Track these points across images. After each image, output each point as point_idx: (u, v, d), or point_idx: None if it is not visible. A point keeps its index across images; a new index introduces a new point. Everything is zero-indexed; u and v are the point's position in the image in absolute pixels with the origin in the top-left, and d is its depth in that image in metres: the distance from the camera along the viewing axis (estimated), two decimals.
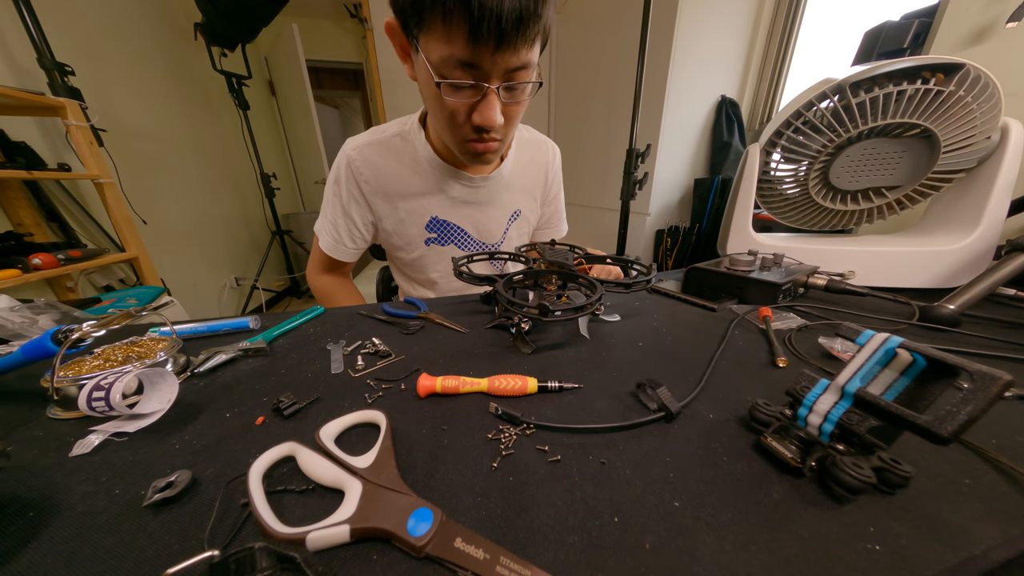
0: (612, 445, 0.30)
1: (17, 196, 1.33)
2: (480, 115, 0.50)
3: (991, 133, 0.60)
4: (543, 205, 0.84)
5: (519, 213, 0.79)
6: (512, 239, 0.81)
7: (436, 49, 0.44)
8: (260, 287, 2.68)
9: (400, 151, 0.67)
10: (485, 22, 0.40)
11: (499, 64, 0.45)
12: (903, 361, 0.26)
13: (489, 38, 0.42)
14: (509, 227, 0.79)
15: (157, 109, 2.04)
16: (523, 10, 0.40)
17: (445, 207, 0.71)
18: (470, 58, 0.44)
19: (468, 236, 0.75)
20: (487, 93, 0.48)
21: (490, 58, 0.44)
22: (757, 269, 0.64)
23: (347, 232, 0.71)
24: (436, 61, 0.45)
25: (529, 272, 0.55)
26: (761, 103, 2.04)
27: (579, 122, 2.44)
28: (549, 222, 0.88)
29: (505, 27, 0.41)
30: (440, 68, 0.46)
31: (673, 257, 2.05)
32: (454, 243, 0.75)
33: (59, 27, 1.46)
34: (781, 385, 0.36)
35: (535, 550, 0.22)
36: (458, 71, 0.46)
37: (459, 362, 0.43)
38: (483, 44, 0.42)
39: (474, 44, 0.42)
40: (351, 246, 0.73)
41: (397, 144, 0.67)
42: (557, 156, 0.82)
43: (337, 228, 0.71)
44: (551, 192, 0.84)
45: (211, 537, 0.22)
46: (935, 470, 0.27)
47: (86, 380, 0.34)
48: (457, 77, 0.46)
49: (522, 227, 0.82)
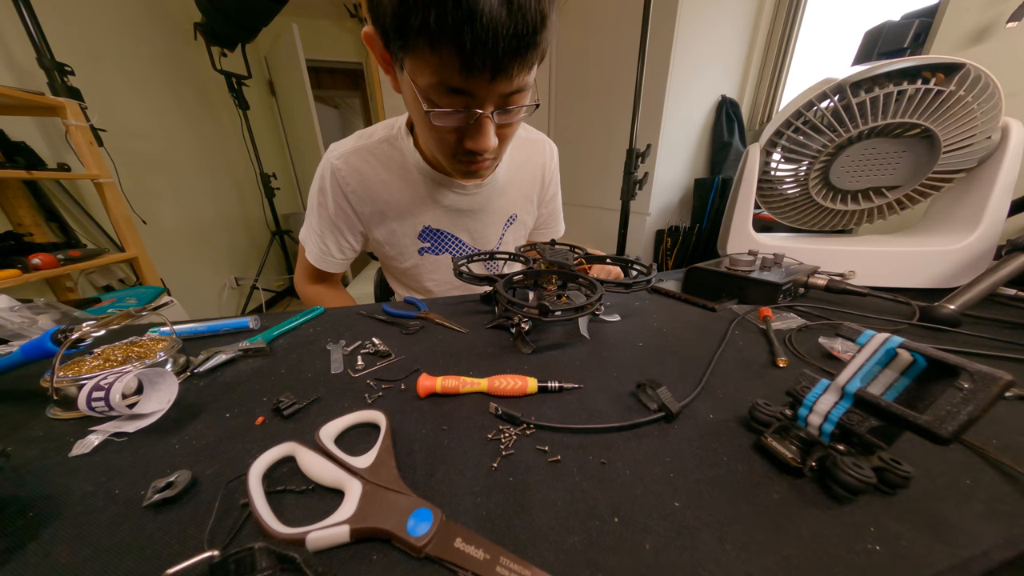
0: (612, 445, 0.30)
1: (17, 196, 1.33)
2: (473, 141, 0.47)
3: (991, 133, 0.60)
4: (540, 206, 0.82)
5: (515, 218, 0.77)
6: (508, 244, 0.79)
7: (423, 75, 0.40)
8: (260, 287, 2.68)
9: (388, 158, 0.63)
10: (478, 55, 0.36)
11: (494, 91, 0.41)
12: (903, 361, 0.26)
13: (484, 69, 0.38)
14: (505, 232, 0.77)
15: (157, 109, 2.04)
16: (520, 39, 0.36)
17: (438, 216, 0.69)
18: (462, 86, 0.40)
19: (463, 244, 0.74)
20: (480, 119, 0.44)
21: (485, 87, 0.40)
22: (757, 269, 0.64)
23: (335, 244, 0.68)
24: (423, 86, 0.41)
25: (529, 272, 0.55)
26: (761, 103, 2.03)
27: (579, 122, 2.44)
28: (547, 223, 0.87)
29: (501, 57, 0.37)
30: (428, 93, 0.41)
31: (673, 257, 2.05)
32: (449, 251, 0.74)
33: (59, 27, 1.46)
34: (781, 385, 0.36)
35: (535, 550, 0.22)
36: (447, 98, 0.41)
37: (459, 362, 0.43)
38: (477, 76, 0.38)
39: (467, 76, 0.38)
40: (339, 257, 0.70)
41: (384, 150, 0.63)
42: (555, 155, 0.79)
43: (324, 240, 0.67)
44: (548, 193, 0.81)
45: (211, 537, 0.22)
46: (935, 470, 0.27)
47: (86, 380, 0.33)
48: (446, 104, 0.42)
49: (518, 231, 0.80)
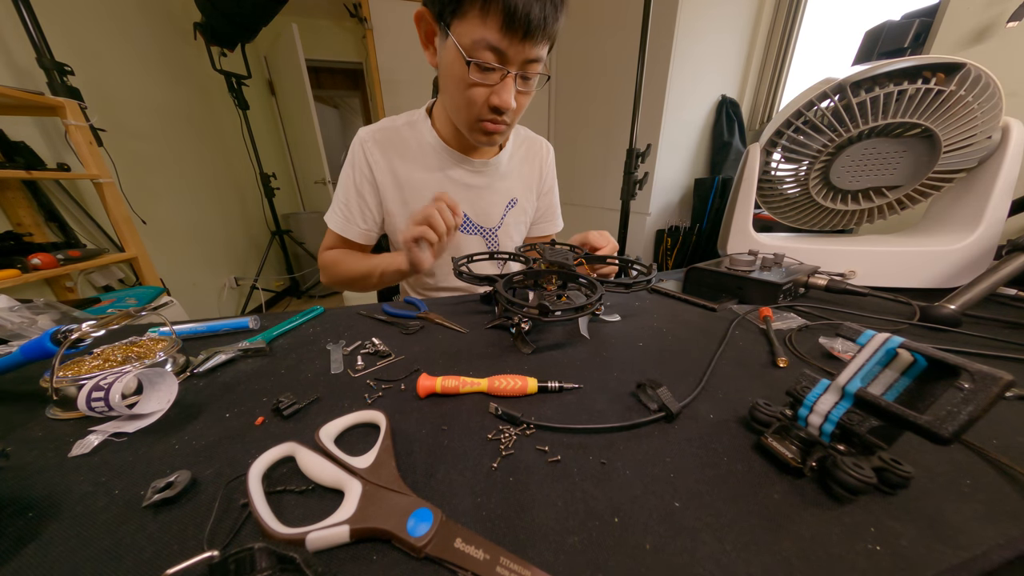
0: (612, 445, 0.30)
1: (16, 196, 1.33)
2: (498, 96, 0.58)
3: (992, 133, 0.60)
4: (538, 197, 0.90)
5: (515, 201, 0.84)
6: (509, 226, 0.85)
7: (469, 32, 0.52)
8: (260, 287, 2.68)
9: (408, 137, 0.75)
10: (517, 14, 0.49)
11: (520, 53, 0.54)
12: (904, 361, 0.26)
13: (518, 29, 0.50)
14: (506, 214, 0.84)
15: (157, 109, 2.04)
16: (547, 10, 0.51)
17: (446, 187, 0.76)
18: (498, 43, 0.52)
19: (467, 219, 0.80)
20: (506, 77, 0.56)
21: (515, 46, 0.52)
22: (757, 269, 0.64)
23: (359, 210, 0.75)
24: (468, 43, 0.53)
25: (529, 272, 0.55)
26: (761, 103, 2.04)
27: (579, 122, 2.44)
28: (545, 215, 0.93)
29: (532, 21, 0.50)
30: (470, 50, 0.53)
31: (673, 257, 2.05)
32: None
33: (58, 27, 1.46)
34: (781, 385, 0.36)
35: (535, 550, 0.22)
36: (486, 54, 0.53)
37: (459, 362, 0.43)
38: (512, 32, 0.51)
39: (504, 31, 0.51)
40: (363, 226, 0.76)
41: (406, 131, 0.75)
42: (551, 153, 0.90)
43: (349, 207, 0.75)
44: (546, 185, 0.90)
45: (211, 537, 0.22)
46: (936, 470, 0.27)
47: (85, 380, 0.33)
48: (484, 59, 0.54)
49: (519, 216, 0.86)
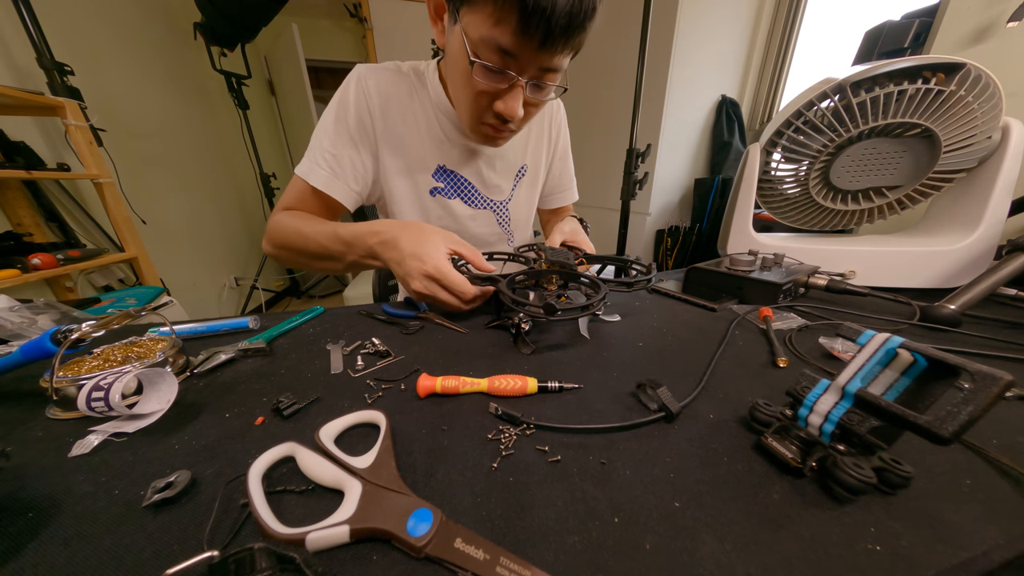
0: (612, 445, 0.30)
1: (16, 196, 1.33)
2: (504, 104, 0.50)
3: (992, 133, 0.60)
4: (550, 160, 0.81)
5: (525, 170, 0.76)
6: (520, 198, 0.77)
7: (478, 28, 0.44)
8: (260, 287, 2.67)
9: (413, 88, 0.63)
10: (536, 17, 0.40)
11: (536, 60, 0.45)
12: (904, 361, 0.26)
13: (535, 34, 0.42)
14: (517, 184, 0.76)
15: (157, 109, 2.04)
16: (573, 18, 0.41)
17: (452, 157, 0.67)
18: (511, 47, 0.44)
19: (475, 190, 0.71)
20: (515, 85, 0.48)
21: (530, 53, 0.44)
22: (757, 269, 0.64)
23: (350, 166, 0.60)
24: (475, 39, 0.45)
25: (530, 272, 0.55)
26: (761, 103, 2.04)
27: (579, 122, 2.43)
28: (559, 184, 0.85)
29: (553, 28, 0.41)
30: (477, 47, 0.45)
31: (673, 257, 2.05)
32: (460, 197, 0.71)
33: (58, 27, 1.46)
34: (781, 385, 0.36)
35: (535, 550, 0.22)
36: (495, 55, 0.45)
37: (459, 362, 0.43)
38: (528, 38, 0.42)
39: (519, 35, 0.42)
40: (354, 187, 0.61)
41: (412, 80, 0.63)
42: (561, 109, 0.80)
43: (339, 160, 0.59)
44: (560, 146, 0.81)
45: (211, 537, 0.22)
46: (936, 470, 0.27)
47: (85, 380, 0.33)
48: (491, 61, 0.46)
49: (531, 189, 0.79)
